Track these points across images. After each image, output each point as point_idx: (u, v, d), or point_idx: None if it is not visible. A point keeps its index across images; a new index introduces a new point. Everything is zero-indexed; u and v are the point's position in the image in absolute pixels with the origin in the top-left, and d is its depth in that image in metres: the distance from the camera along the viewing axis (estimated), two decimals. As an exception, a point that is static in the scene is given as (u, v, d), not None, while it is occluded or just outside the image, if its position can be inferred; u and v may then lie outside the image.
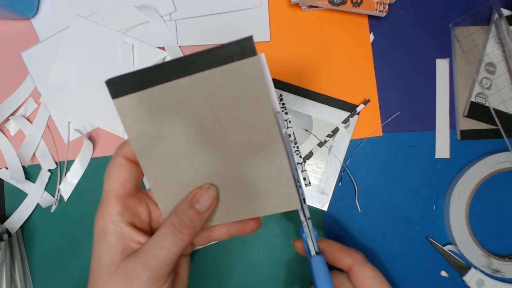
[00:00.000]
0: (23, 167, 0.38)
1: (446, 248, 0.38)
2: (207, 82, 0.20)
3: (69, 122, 0.38)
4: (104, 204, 0.24)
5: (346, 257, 0.28)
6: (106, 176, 0.24)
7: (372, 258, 0.38)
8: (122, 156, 0.24)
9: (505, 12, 0.38)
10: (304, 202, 0.24)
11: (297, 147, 0.37)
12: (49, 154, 0.38)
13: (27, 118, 0.38)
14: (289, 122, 0.37)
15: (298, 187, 0.23)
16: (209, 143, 0.22)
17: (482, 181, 0.38)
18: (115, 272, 0.22)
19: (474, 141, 0.38)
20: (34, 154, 0.38)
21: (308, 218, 0.26)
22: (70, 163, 0.38)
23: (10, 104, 0.38)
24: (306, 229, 0.26)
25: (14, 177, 0.37)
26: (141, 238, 0.23)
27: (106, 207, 0.23)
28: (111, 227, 0.23)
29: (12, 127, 0.38)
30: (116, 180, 0.24)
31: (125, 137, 0.38)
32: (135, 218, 0.24)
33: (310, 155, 0.37)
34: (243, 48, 0.19)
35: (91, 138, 0.38)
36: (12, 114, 0.38)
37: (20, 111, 0.38)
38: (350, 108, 0.38)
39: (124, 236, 0.23)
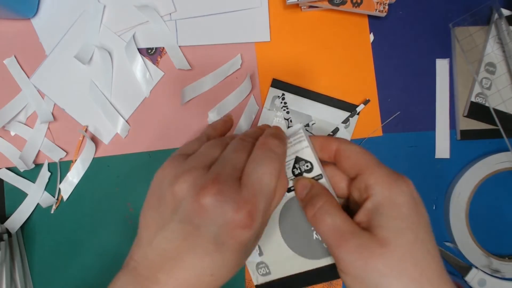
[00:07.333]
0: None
1: (446, 248, 0.38)
2: None
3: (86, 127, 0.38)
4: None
5: (332, 142, 0.26)
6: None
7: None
8: None
9: (505, 12, 0.38)
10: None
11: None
12: (55, 146, 0.38)
13: (28, 118, 0.38)
14: (290, 121, 0.37)
15: None
16: None
17: (482, 181, 0.38)
18: None
19: (474, 141, 0.38)
20: (35, 154, 0.38)
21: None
22: (68, 163, 0.38)
23: (11, 107, 0.38)
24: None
25: (22, 166, 0.37)
26: None
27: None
28: None
29: (12, 128, 0.38)
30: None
31: None
32: None
33: (310, 155, 0.37)
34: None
35: (93, 138, 0.38)
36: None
37: (21, 113, 0.38)
38: (350, 108, 0.38)
39: None
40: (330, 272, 0.26)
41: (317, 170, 0.26)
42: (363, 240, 0.22)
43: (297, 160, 0.26)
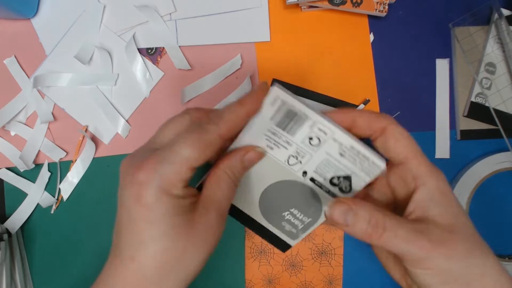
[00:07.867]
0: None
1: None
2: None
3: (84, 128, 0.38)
4: (170, 166, 0.21)
5: (382, 119, 0.24)
6: (185, 142, 0.21)
7: (372, 259, 0.38)
8: (219, 134, 0.21)
9: (505, 12, 0.38)
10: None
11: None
12: (55, 146, 0.38)
13: (28, 118, 0.38)
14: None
15: None
16: None
17: (482, 181, 0.38)
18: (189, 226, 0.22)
19: (474, 141, 0.38)
20: (35, 154, 0.38)
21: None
22: (68, 163, 0.38)
23: (11, 107, 0.38)
24: None
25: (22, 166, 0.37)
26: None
27: (173, 169, 0.21)
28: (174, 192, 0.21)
29: (12, 128, 0.38)
30: (198, 152, 0.21)
31: None
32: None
33: (310, 155, 0.37)
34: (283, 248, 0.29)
35: (93, 138, 0.38)
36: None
37: (21, 113, 0.38)
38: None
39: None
40: (271, 238, 0.29)
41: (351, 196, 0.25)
42: (433, 233, 0.21)
43: (347, 178, 0.24)
